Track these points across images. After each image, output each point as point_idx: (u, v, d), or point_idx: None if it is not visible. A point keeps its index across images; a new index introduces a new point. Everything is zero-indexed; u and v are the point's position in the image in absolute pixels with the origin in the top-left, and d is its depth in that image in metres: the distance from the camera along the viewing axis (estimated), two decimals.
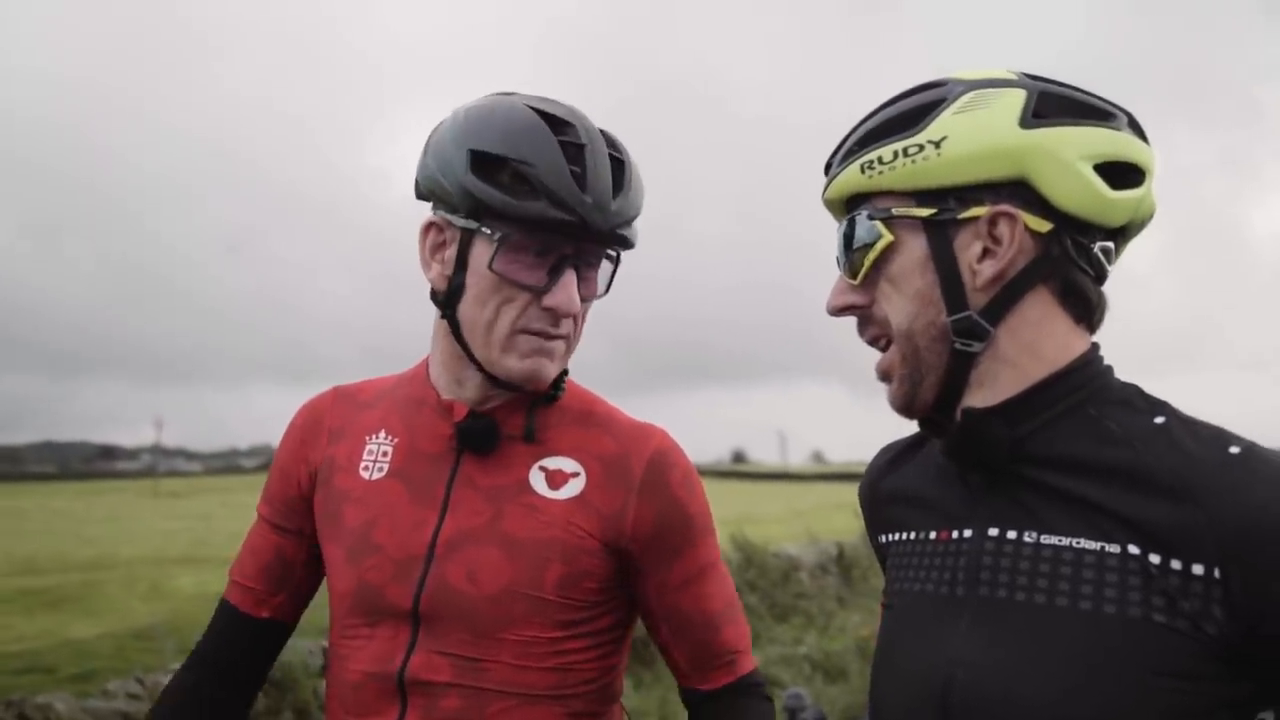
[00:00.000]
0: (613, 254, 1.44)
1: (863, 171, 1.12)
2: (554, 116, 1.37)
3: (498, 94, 1.44)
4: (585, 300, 1.44)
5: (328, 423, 1.57)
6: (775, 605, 10.35)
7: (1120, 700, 0.94)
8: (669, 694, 7.02)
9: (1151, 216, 1.13)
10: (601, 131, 1.41)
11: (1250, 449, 0.97)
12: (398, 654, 1.40)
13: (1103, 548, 0.99)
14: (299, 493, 1.56)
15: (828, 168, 1.20)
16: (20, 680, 7.24)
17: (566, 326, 1.41)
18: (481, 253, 1.37)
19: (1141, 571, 0.96)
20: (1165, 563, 0.95)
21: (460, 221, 1.38)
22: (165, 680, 4.99)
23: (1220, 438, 1.00)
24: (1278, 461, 0.96)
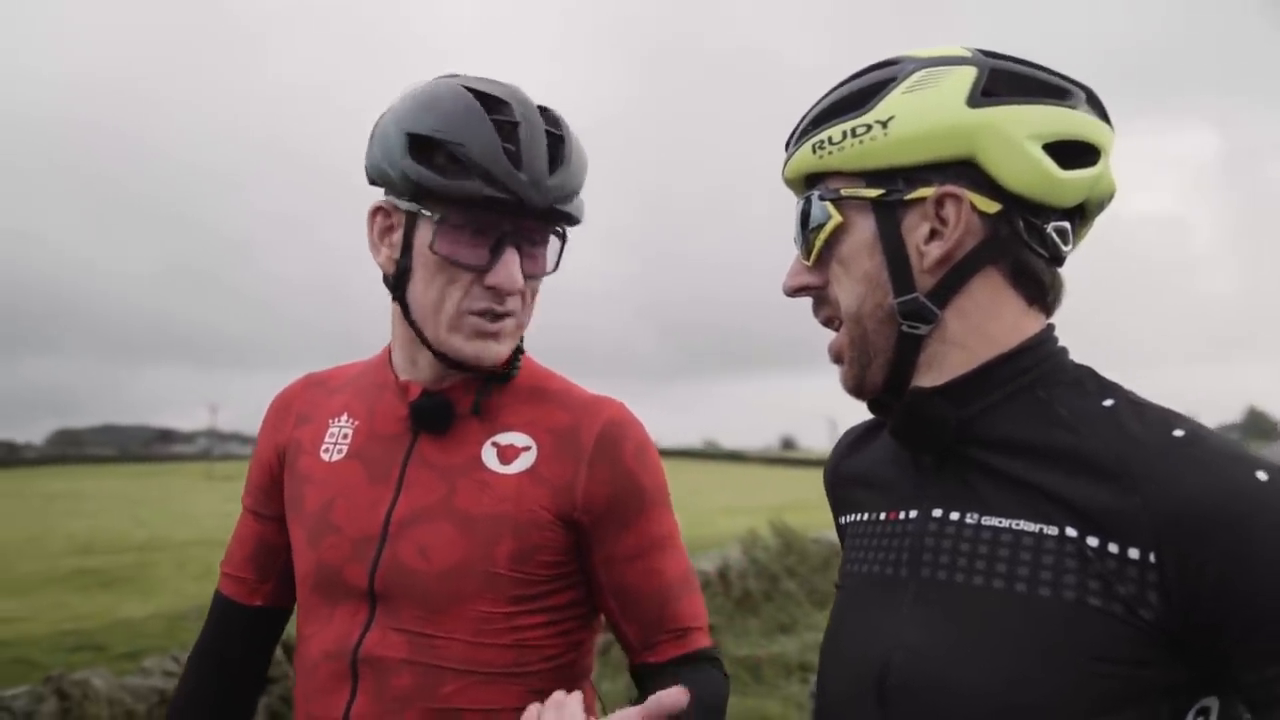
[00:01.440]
0: (559, 230, 1.44)
1: (814, 151, 1.11)
2: (489, 96, 1.38)
3: (440, 77, 1.45)
4: (532, 278, 1.43)
5: (295, 407, 1.60)
6: (814, 592, 10.28)
7: (1055, 684, 0.93)
8: None
9: (1111, 196, 1.11)
10: (542, 108, 1.41)
11: (1195, 433, 0.95)
12: (354, 632, 1.41)
13: (1041, 530, 0.98)
14: (272, 478, 1.59)
15: (787, 145, 1.19)
16: (73, 658, 7.39)
17: (513, 304, 1.41)
18: (424, 235, 1.38)
19: (1078, 554, 0.95)
20: (1103, 546, 0.94)
21: (404, 205, 1.39)
22: None
23: (1166, 421, 0.97)
24: (1220, 446, 0.94)
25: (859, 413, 1.21)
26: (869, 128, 1.07)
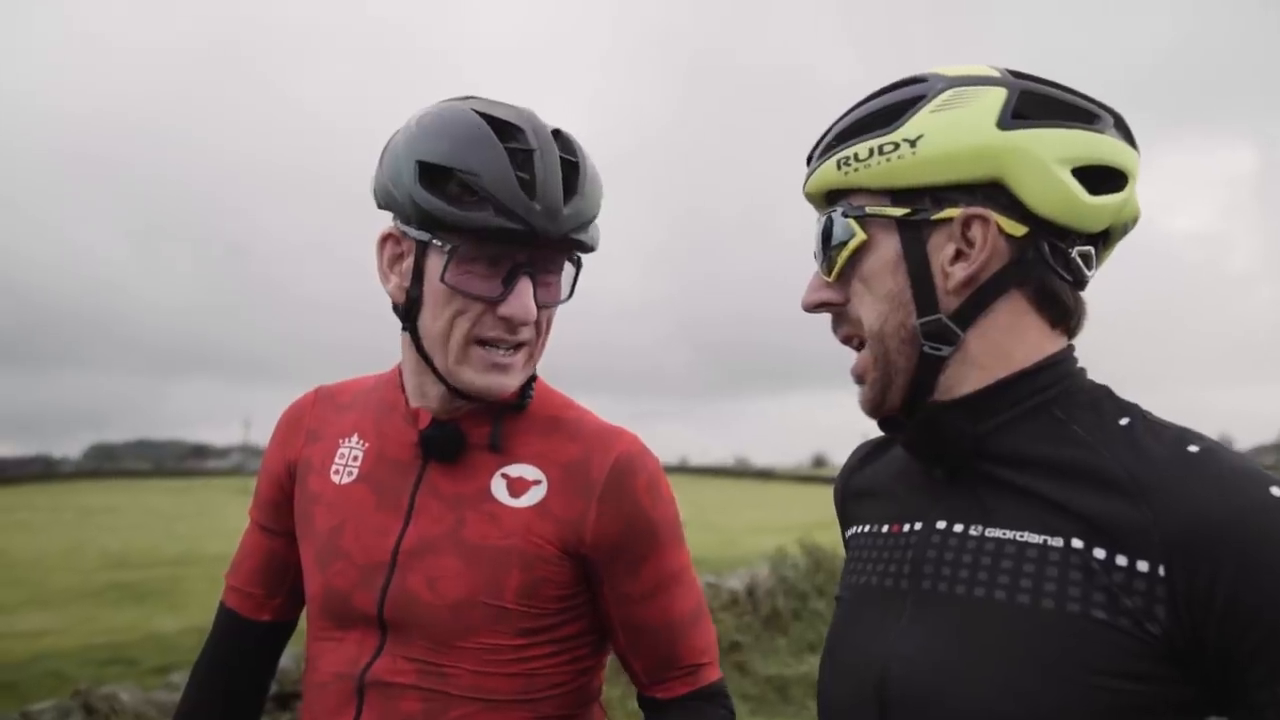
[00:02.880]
0: (573, 258, 1.42)
1: (839, 168, 1.10)
2: (503, 122, 1.35)
3: (452, 99, 1.42)
4: (546, 307, 1.41)
5: (306, 423, 1.58)
6: None
7: (1056, 698, 0.92)
8: None
9: (1136, 221, 1.10)
10: (556, 132, 1.39)
11: (1210, 449, 0.95)
12: (364, 657, 1.40)
13: (1046, 541, 0.97)
14: (283, 494, 1.57)
15: (809, 160, 1.18)
16: (104, 671, 7.43)
17: (526, 334, 1.39)
18: (435, 265, 1.35)
19: (1083, 566, 0.94)
20: (1110, 558, 0.93)
21: (414, 233, 1.36)
22: None
23: (1181, 438, 0.97)
24: (1235, 463, 0.94)
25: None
26: (896, 146, 1.06)
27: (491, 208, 1.30)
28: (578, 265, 1.43)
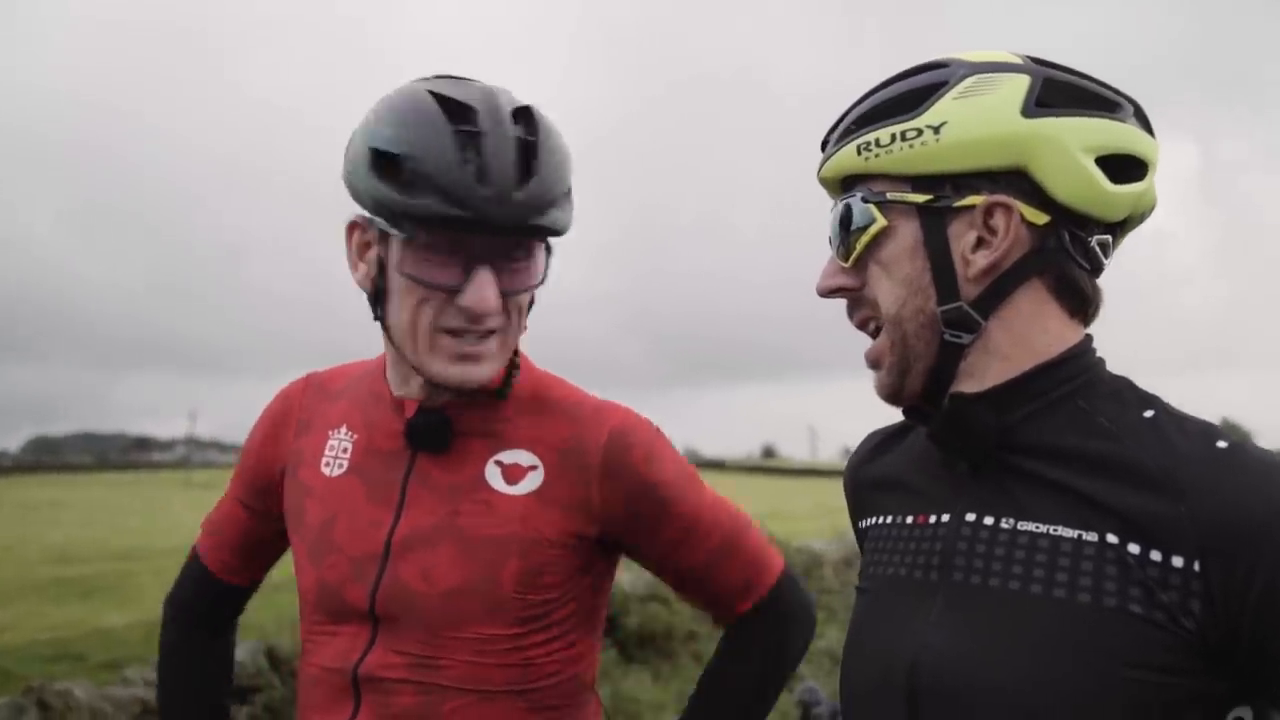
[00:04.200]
0: (543, 241, 1.37)
1: (859, 153, 1.09)
2: (457, 103, 1.29)
3: (422, 78, 1.38)
4: (514, 293, 1.35)
5: (297, 413, 1.56)
6: None
7: (1089, 689, 0.92)
8: (686, 686, 6.97)
9: (1152, 210, 1.10)
10: (521, 109, 1.33)
11: (1238, 445, 0.95)
12: (357, 651, 1.38)
13: (1080, 536, 0.97)
14: (269, 481, 1.56)
15: (824, 144, 1.17)
16: (51, 668, 7.32)
17: (494, 322, 1.34)
18: (394, 254, 1.32)
19: (1119, 561, 0.94)
20: (1144, 553, 0.93)
21: (377, 222, 1.32)
22: None
23: (1208, 433, 0.97)
24: (1265, 458, 0.94)
25: (839, 423, 1.24)
26: (919, 132, 1.05)
27: (436, 194, 1.25)
28: (549, 248, 1.38)
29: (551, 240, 1.39)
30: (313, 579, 1.43)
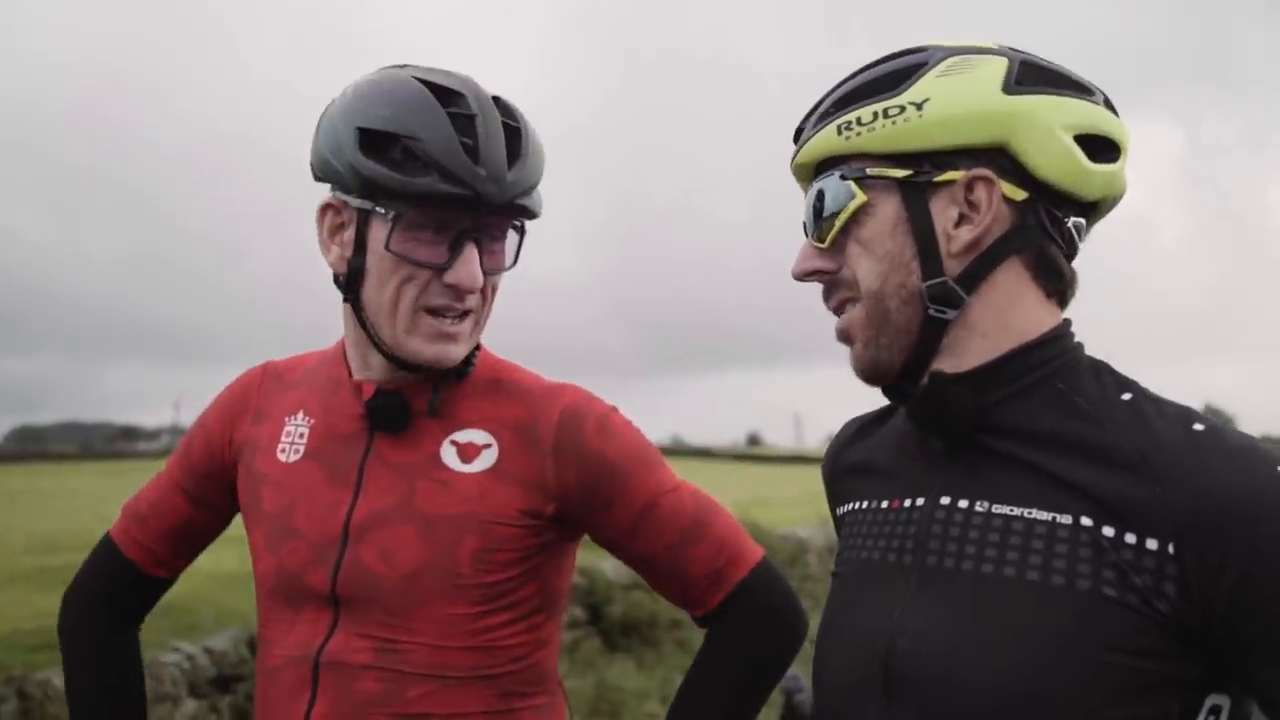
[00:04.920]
0: (518, 224, 1.41)
1: (840, 133, 1.10)
2: (443, 88, 1.34)
3: (388, 67, 1.40)
4: (491, 274, 1.40)
5: (254, 401, 1.56)
6: None
7: (1067, 673, 0.93)
8: (671, 674, 6.98)
9: (1122, 194, 1.12)
10: (496, 99, 1.38)
11: (1214, 428, 0.96)
12: (318, 638, 1.38)
13: (1054, 518, 0.98)
14: (220, 468, 1.55)
15: (798, 134, 1.18)
16: (34, 657, 7.26)
17: (472, 301, 1.38)
18: (378, 233, 1.34)
19: (1093, 544, 0.95)
20: (1119, 536, 0.94)
21: (355, 202, 1.35)
22: (164, 657, 4.98)
23: (1186, 416, 0.99)
24: (1242, 442, 0.95)
25: (824, 410, 1.24)
26: (902, 109, 1.06)
27: (437, 173, 1.29)
28: (521, 232, 1.42)
29: (529, 228, 1.42)
30: (271, 565, 1.43)
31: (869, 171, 1.08)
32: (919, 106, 1.05)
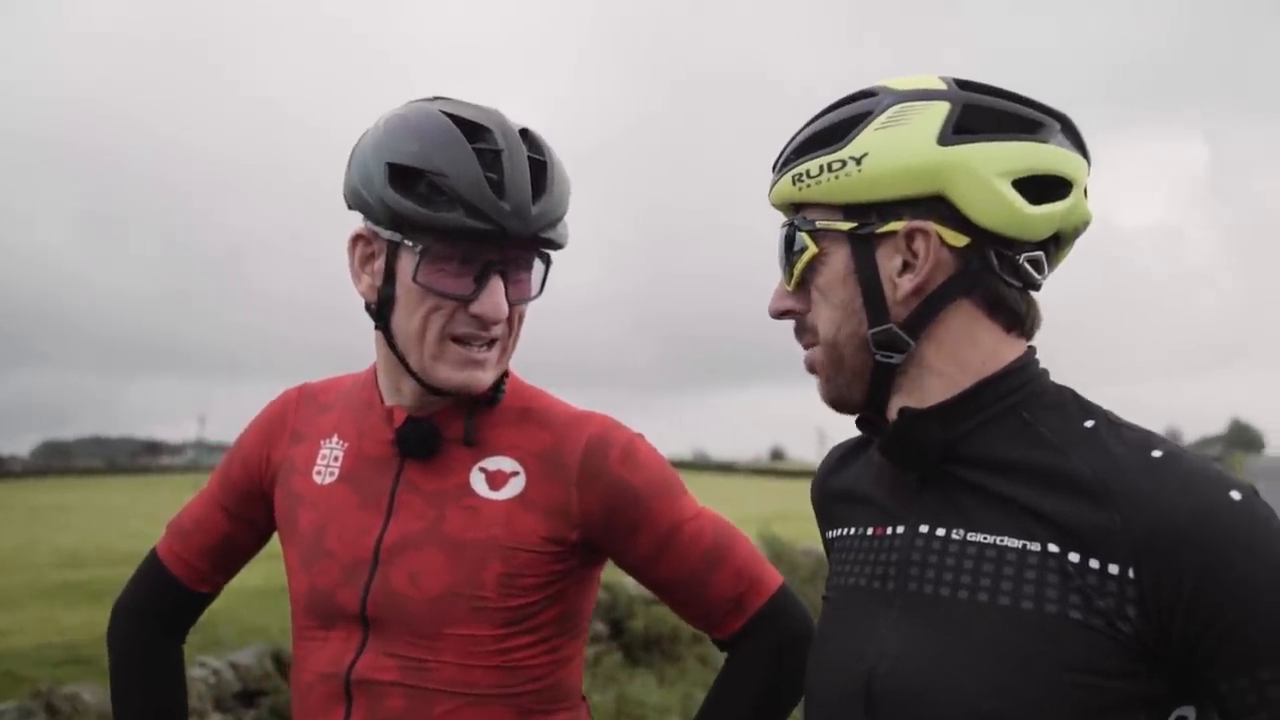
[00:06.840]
0: (543, 255, 1.44)
1: (794, 183, 1.15)
2: (470, 122, 1.37)
3: (419, 100, 1.44)
4: (517, 304, 1.43)
5: (290, 423, 1.60)
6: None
7: (1036, 694, 0.96)
8: (692, 689, 6.97)
9: (1086, 224, 1.14)
10: (524, 131, 1.41)
11: (1173, 453, 0.99)
12: (348, 655, 1.42)
13: (1024, 545, 1.01)
14: (259, 487, 1.59)
15: (774, 168, 1.21)
16: (59, 672, 7.33)
17: (498, 331, 1.41)
18: (407, 264, 1.37)
19: (1060, 569, 0.99)
20: (1084, 561, 0.98)
21: (385, 233, 1.38)
22: (191, 671, 5.01)
23: (1146, 442, 1.02)
24: (1197, 467, 0.98)
25: (848, 424, 1.23)
26: (844, 164, 1.10)
27: (462, 208, 1.32)
28: (547, 262, 1.45)
29: (553, 253, 1.45)
30: (304, 584, 1.47)
31: (819, 225, 1.13)
32: (858, 161, 1.09)
